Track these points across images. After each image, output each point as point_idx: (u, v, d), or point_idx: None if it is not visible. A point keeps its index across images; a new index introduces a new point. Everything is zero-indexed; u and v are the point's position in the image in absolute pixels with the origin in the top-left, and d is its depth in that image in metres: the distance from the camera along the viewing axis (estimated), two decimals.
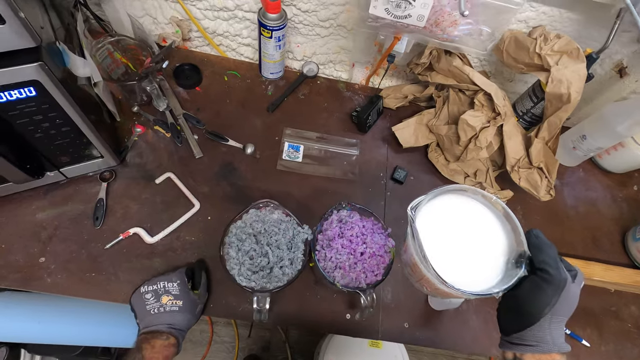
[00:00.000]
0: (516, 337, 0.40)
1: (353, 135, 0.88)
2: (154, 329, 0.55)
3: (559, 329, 0.39)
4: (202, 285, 0.62)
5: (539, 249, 0.40)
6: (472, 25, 0.52)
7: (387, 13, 0.52)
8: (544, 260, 0.39)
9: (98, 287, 0.64)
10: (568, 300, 0.39)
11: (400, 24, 0.54)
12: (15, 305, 0.73)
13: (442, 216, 0.46)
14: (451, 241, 0.45)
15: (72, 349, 0.99)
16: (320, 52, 0.93)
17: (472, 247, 0.45)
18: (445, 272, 0.41)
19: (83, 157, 0.67)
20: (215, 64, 0.92)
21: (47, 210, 0.68)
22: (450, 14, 0.51)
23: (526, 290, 0.39)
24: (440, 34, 0.55)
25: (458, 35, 0.54)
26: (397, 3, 0.50)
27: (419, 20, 0.52)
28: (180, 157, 0.78)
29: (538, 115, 0.77)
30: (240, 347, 1.46)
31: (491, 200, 0.46)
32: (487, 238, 0.45)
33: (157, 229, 0.70)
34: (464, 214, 0.47)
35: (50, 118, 0.56)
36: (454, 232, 0.46)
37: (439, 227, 0.46)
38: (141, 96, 0.80)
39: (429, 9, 0.50)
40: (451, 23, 0.52)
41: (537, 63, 0.68)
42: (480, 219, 0.46)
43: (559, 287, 0.37)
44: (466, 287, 0.40)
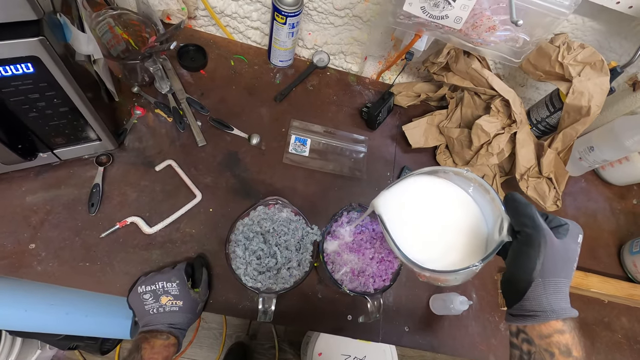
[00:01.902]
0: (516, 309, 0.38)
1: (361, 131, 0.86)
2: (153, 328, 0.52)
3: (557, 292, 0.36)
4: (203, 283, 0.60)
5: (516, 211, 0.37)
6: (510, 32, 0.50)
7: (423, 12, 0.49)
8: (520, 222, 0.36)
9: (92, 277, 0.61)
10: (556, 257, 0.36)
11: (434, 24, 0.51)
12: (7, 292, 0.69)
13: (413, 200, 0.45)
14: (428, 224, 0.44)
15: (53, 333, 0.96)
16: (332, 42, 0.89)
17: (453, 226, 0.43)
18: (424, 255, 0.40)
19: (79, 139, 0.63)
20: (221, 47, 0.87)
21: (39, 193, 0.64)
22: (490, 18, 0.48)
23: (511, 258, 0.37)
24: (476, 39, 0.52)
25: (494, 41, 0.52)
26: (435, 2, 0.47)
27: (456, 22, 0.49)
28: (182, 144, 0.74)
29: (552, 125, 0.76)
30: (227, 334, 1.46)
31: (463, 174, 0.43)
32: (468, 214, 0.43)
33: (156, 219, 0.66)
34: (440, 194, 0.45)
35: (47, 97, 0.51)
36: (431, 215, 0.44)
37: (412, 211, 0.44)
38: (142, 76, 0.75)
39: (468, 12, 0.47)
40: (489, 28, 0.50)
41: (558, 72, 0.67)
42: (458, 197, 0.44)
43: (538, 247, 0.34)
44: (442, 267, 0.40)
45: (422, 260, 0.41)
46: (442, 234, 0.43)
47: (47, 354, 1.22)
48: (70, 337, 0.99)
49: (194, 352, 1.41)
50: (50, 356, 1.27)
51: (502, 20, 0.48)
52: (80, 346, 1.08)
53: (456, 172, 0.44)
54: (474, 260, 0.40)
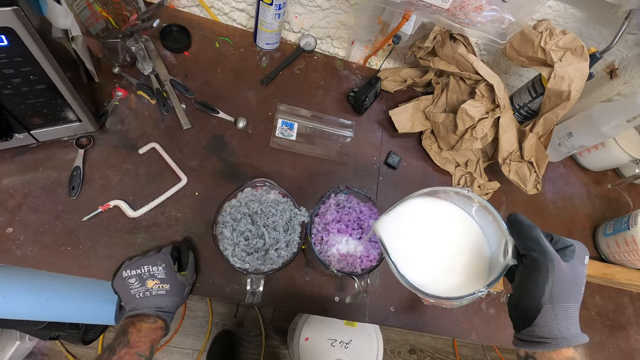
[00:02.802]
0: (525, 334, 0.37)
1: (348, 116, 0.86)
2: (140, 312, 0.52)
3: (567, 317, 0.35)
4: (190, 266, 0.60)
5: (520, 234, 0.36)
6: (496, 12, 0.51)
7: None
8: (525, 245, 0.35)
9: (74, 261, 0.59)
10: (564, 282, 0.34)
11: (422, 4, 0.51)
12: None
13: (414, 224, 0.44)
14: (430, 247, 0.43)
15: (36, 322, 0.94)
16: (319, 25, 0.88)
17: (455, 247, 0.42)
18: (430, 280, 0.40)
19: (58, 119, 0.61)
20: (205, 28, 0.85)
21: (15, 175, 0.62)
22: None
23: (518, 283, 0.36)
24: (463, 18, 0.53)
25: (480, 21, 0.53)
26: None
27: (443, 2, 0.50)
28: (166, 126, 0.73)
29: (534, 110, 0.77)
30: (213, 322, 1.45)
31: (464, 194, 0.42)
32: (470, 235, 0.43)
33: (141, 202, 0.65)
34: (439, 217, 0.44)
35: (23, 73, 0.49)
36: (432, 237, 0.43)
37: (414, 235, 0.44)
38: (124, 56, 0.73)
39: None
40: (476, 8, 0.50)
41: (540, 57, 0.68)
42: (460, 219, 0.44)
43: (546, 272, 0.34)
44: (454, 292, 0.39)
45: (424, 283, 0.40)
46: (443, 256, 0.42)
47: (26, 345, 1.19)
48: (51, 326, 0.96)
49: (180, 340, 1.40)
50: (30, 347, 1.24)
51: (489, 0, 0.49)
52: (61, 336, 1.05)
53: (457, 192, 0.43)
54: (477, 281, 0.39)
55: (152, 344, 0.51)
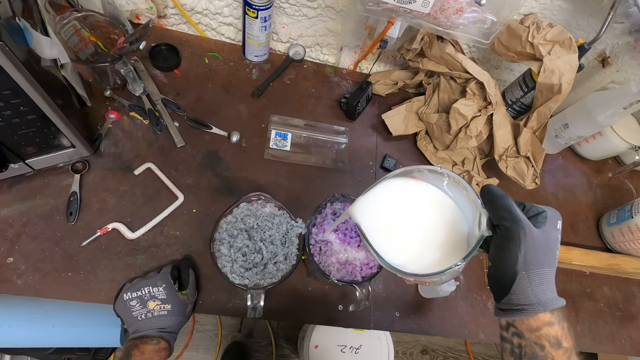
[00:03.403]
0: (504, 303, 0.37)
1: (342, 122, 0.86)
2: (143, 334, 0.52)
3: (542, 282, 0.35)
4: (191, 284, 0.60)
5: (493, 204, 0.37)
6: (477, 13, 0.51)
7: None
8: (498, 215, 0.36)
9: (75, 287, 0.59)
10: (537, 248, 0.35)
11: (403, 9, 0.51)
12: None
13: (389, 205, 0.44)
14: (407, 227, 0.43)
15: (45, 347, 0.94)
16: (307, 34, 0.88)
17: (431, 225, 0.43)
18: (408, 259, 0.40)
19: (52, 147, 0.61)
20: (194, 45, 0.86)
21: (13, 205, 0.62)
22: (456, 1, 0.48)
23: (493, 252, 0.37)
24: (444, 21, 0.53)
25: (462, 23, 0.53)
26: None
27: (423, 6, 0.50)
28: (160, 145, 0.73)
29: (527, 105, 0.77)
30: (223, 335, 1.45)
31: (437, 171, 0.43)
32: (446, 212, 0.43)
33: (139, 223, 0.65)
34: (414, 196, 0.44)
35: (12, 105, 0.50)
36: (408, 217, 0.44)
37: (389, 216, 0.44)
38: (114, 79, 0.73)
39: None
40: (456, 10, 0.50)
41: (529, 52, 0.68)
42: (435, 196, 0.44)
43: (518, 239, 0.34)
44: (433, 269, 0.39)
45: (402, 263, 0.40)
46: (420, 234, 0.43)
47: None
48: (61, 350, 0.97)
49: (190, 355, 1.40)
50: None
51: (469, 2, 0.49)
52: (72, 359, 1.06)
53: (430, 170, 0.43)
54: (455, 257, 0.39)
55: None
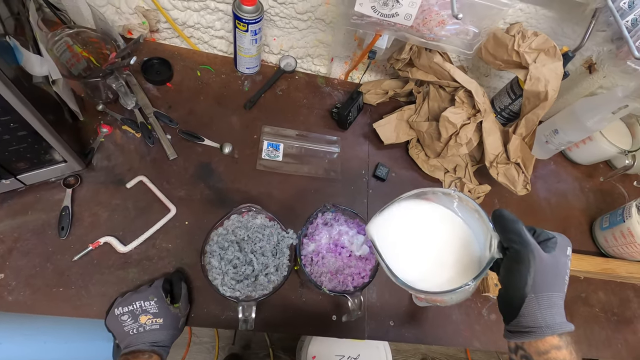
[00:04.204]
0: (513, 325, 0.38)
1: (333, 132, 0.86)
2: (135, 349, 0.52)
3: (551, 306, 0.36)
4: (183, 297, 0.59)
5: (503, 228, 0.38)
6: (459, 25, 0.52)
7: (374, 11, 0.50)
8: (508, 238, 0.37)
9: (67, 302, 0.59)
10: (546, 272, 0.36)
11: (386, 23, 0.52)
12: None
13: (403, 224, 0.46)
14: (420, 246, 0.45)
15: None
16: (297, 45, 0.90)
17: (444, 246, 0.44)
18: (420, 277, 0.41)
19: (43, 162, 0.62)
20: (186, 58, 0.87)
21: (5, 221, 0.62)
22: (438, 14, 0.50)
23: (503, 275, 0.38)
24: (427, 34, 0.54)
25: (445, 35, 0.54)
26: (384, 1, 0.48)
27: (406, 19, 0.51)
28: (152, 158, 0.73)
29: (515, 112, 0.78)
30: (220, 347, 1.44)
31: (451, 194, 0.44)
32: (458, 234, 0.44)
33: (131, 237, 0.65)
34: (429, 216, 0.46)
35: (2, 122, 0.50)
36: (421, 237, 0.45)
37: (403, 235, 0.45)
38: (106, 93, 0.74)
39: (416, 8, 0.49)
40: (438, 23, 0.51)
41: (515, 60, 0.69)
42: (447, 218, 0.45)
43: (527, 262, 0.35)
44: (444, 287, 0.40)
45: (414, 280, 0.42)
46: (433, 254, 0.44)
47: None
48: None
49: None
50: None
51: (450, 15, 0.50)
52: None
53: (444, 193, 0.44)
54: (465, 277, 0.40)
55: None
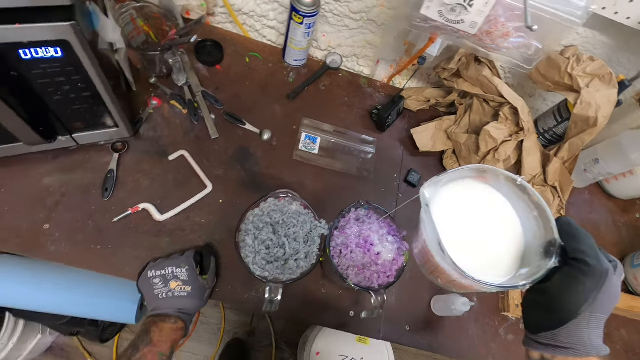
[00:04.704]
0: (546, 337, 0.36)
1: (370, 132, 0.87)
2: (162, 313, 0.54)
3: (598, 327, 0.35)
4: (211, 271, 0.61)
5: (574, 237, 0.36)
6: (523, 39, 0.52)
7: (440, 16, 0.51)
8: (580, 249, 0.34)
9: (103, 260, 0.62)
10: (610, 294, 0.34)
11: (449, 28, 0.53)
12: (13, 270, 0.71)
13: (457, 201, 0.43)
14: (467, 228, 0.42)
15: (59, 317, 0.98)
16: (345, 44, 0.91)
17: (491, 234, 0.42)
18: (462, 262, 0.37)
19: (98, 124, 0.65)
20: (237, 44, 0.89)
21: (55, 175, 0.66)
22: (504, 25, 0.50)
23: (559, 284, 0.35)
24: (489, 44, 0.54)
25: (507, 47, 0.54)
26: (452, 7, 0.49)
27: (471, 27, 0.51)
28: (195, 135, 0.76)
29: (559, 135, 0.77)
30: (225, 330, 1.46)
31: (516, 182, 0.41)
32: (508, 225, 0.42)
33: (167, 207, 0.68)
34: (482, 199, 0.43)
35: (72, 81, 0.53)
36: (470, 219, 0.42)
37: (454, 213, 0.42)
38: (160, 68, 0.77)
39: (484, 17, 0.49)
40: (503, 34, 0.51)
41: (567, 83, 0.68)
42: (499, 205, 0.43)
43: (599, 280, 0.33)
44: (485, 279, 0.37)
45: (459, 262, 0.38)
46: (482, 240, 0.42)
47: (46, 340, 1.22)
48: (73, 322, 1.00)
49: (193, 346, 1.42)
50: (50, 342, 1.28)
51: (516, 28, 0.50)
52: (81, 332, 1.08)
53: (508, 177, 0.41)
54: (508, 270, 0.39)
55: (172, 345, 0.53)
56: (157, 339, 0.51)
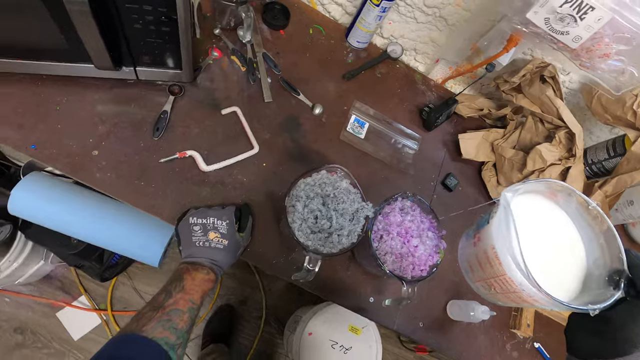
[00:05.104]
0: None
1: (416, 129, 0.87)
2: (196, 261, 0.54)
3: None
4: (248, 229, 0.62)
5: None
6: (622, 63, 0.52)
7: (545, 23, 0.50)
8: None
9: (144, 197, 0.62)
10: None
11: (550, 37, 0.52)
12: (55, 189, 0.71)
13: (527, 215, 0.43)
14: (536, 244, 0.41)
15: (70, 246, 0.98)
16: (409, 36, 0.90)
17: (557, 254, 0.42)
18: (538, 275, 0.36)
19: (162, 63, 0.64)
20: (304, 13, 0.88)
21: (110, 105, 0.65)
22: (608, 45, 0.49)
23: (624, 315, 0.36)
24: (585, 61, 0.54)
25: (602, 68, 0.53)
26: (562, 16, 0.48)
27: (574, 41, 0.51)
28: (250, 95, 0.75)
29: (607, 169, 0.77)
30: (219, 295, 1.48)
31: (588, 206, 0.41)
32: (573, 247, 0.42)
33: (213, 159, 0.68)
34: (549, 217, 0.43)
35: (157, 12, 0.52)
36: (538, 235, 0.42)
37: (525, 226, 0.41)
38: (229, 20, 0.76)
39: (591, 33, 0.49)
40: (603, 55, 0.51)
41: (629, 119, 0.68)
42: (565, 226, 0.43)
43: None
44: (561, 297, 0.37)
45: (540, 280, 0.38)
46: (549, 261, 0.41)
47: (46, 267, 1.23)
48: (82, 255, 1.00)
49: None
50: (49, 270, 1.29)
51: (619, 51, 0.49)
52: (84, 266, 1.09)
53: (580, 200, 0.41)
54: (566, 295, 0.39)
55: (202, 295, 0.52)
56: (190, 287, 0.51)
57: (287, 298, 1.55)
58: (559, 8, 0.48)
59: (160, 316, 0.46)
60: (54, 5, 0.47)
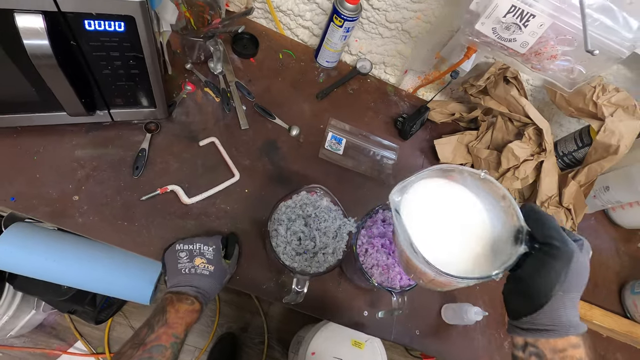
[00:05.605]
0: (527, 322, 0.37)
1: (393, 139, 0.89)
2: (181, 290, 0.53)
3: (573, 306, 0.36)
4: (234, 257, 0.62)
5: (540, 223, 0.37)
6: (569, 63, 0.55)
7: (493, 33, 0.53)
8: (547, 234, 0.36)
9: (128, 236, 0.62)
10: (579, 272, 0.35)
11: (499, 45, 0.55)
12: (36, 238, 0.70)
13: (426, 201, 0.44)
14: (439, 226, 0.43)
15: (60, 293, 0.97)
16: (376, 51, 0.93)
17: (463, 230, 0.43)
18: (436, 258, 0.38)
19: (136, 102, 0.65)
20: (272, 39, 0.91)
21: (87, 148, 0.66)
22: (554, 47, 0.52)
23: (531, 269, 0.36)
24: (536, 64, 0.57)
25: (552, 69, 0.56)
26: (506, 25, 0.51)
27: (521, 47, 0.54)
28: (226, 124, 0.77)
29: (577, 160, 0.80)
30: (219, 324, 1.46)
31: (479, 177, 0.43)
32: (478, 219, 0.43)
33: (195, 191, 0.68)
34: (450, 197, 0.44)
35: (125, 57, 0.54)
36: (441, 217, 0.43)
37: (425, 213, 0.43)
38: (198, 54, 0.78)
39: (536, 38, 0.52)
40: (551, 56, 0.54)
41: (591, 110, 0.71)
42: (468, 201, 0.44)
43: (567, 260, 0.34)
44: (457, 272, 0.38)
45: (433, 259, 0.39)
46: (451, 237, 0.43)
47: (38, 316, 1.21)
48: (73, 300, 0.99)
49: None
50: (41, 319, 1.26)
51: (565, 51, 0.52)
52: (78, 311, 1.07)
53: (471, 173, 0.43)
54: (480, 266, 0.40)
55: (187, 327, 0.52)
56: (173, 320, 0.50)
57: (288, 319, 1.54)
58: (503, 18, 0.51)
59: (141, 354, 0.45)
60: (23, 61, 0.49)
